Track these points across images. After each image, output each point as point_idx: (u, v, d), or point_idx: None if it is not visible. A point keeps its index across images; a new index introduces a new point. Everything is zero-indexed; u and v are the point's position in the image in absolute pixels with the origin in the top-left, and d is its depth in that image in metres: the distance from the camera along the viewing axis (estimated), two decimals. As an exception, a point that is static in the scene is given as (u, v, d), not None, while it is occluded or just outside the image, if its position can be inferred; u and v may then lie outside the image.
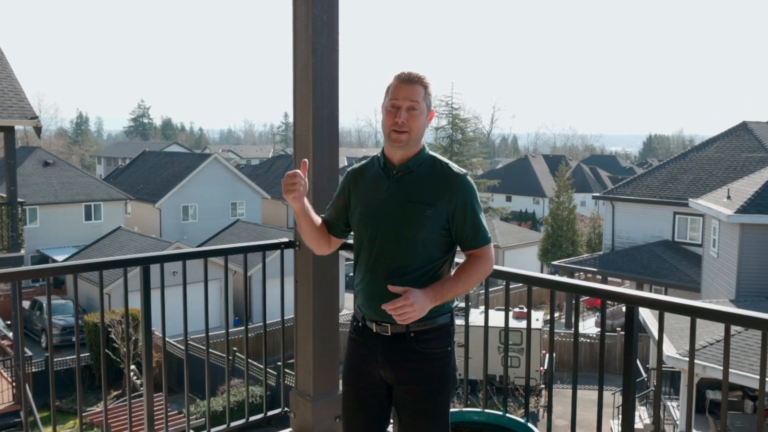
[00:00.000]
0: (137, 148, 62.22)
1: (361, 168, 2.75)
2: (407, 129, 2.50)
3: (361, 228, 2.63)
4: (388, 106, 2.54)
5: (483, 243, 2.58)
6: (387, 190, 2.57)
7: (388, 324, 2.55)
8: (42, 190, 35.08)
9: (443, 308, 2.58)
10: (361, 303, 2.66)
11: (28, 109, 13.45)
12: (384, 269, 2.53)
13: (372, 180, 2.65)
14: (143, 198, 39.94)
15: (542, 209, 54.09)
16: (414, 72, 2.55)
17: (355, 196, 2.68)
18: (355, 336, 2.70)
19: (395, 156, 2.59)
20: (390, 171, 2.59)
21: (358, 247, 2.66)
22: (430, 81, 2.56)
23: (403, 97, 2.50)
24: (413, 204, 2.52)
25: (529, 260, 37.56)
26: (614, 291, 2.71)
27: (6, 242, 13.64)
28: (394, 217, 2.53)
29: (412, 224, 2.50)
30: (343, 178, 2.78)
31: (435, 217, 2.51)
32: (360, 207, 2.64)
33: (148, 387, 3.45)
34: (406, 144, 2.53)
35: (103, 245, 30.42)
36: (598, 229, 35.60)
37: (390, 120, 2.52)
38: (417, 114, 2.51)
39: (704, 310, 2.44)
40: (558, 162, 56.86)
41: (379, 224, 2.56)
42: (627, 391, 2.68)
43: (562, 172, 39.11)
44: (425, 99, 2.54)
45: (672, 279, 23.93)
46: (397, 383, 2.59)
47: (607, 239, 28.68)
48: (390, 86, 2.57)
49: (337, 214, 2.77)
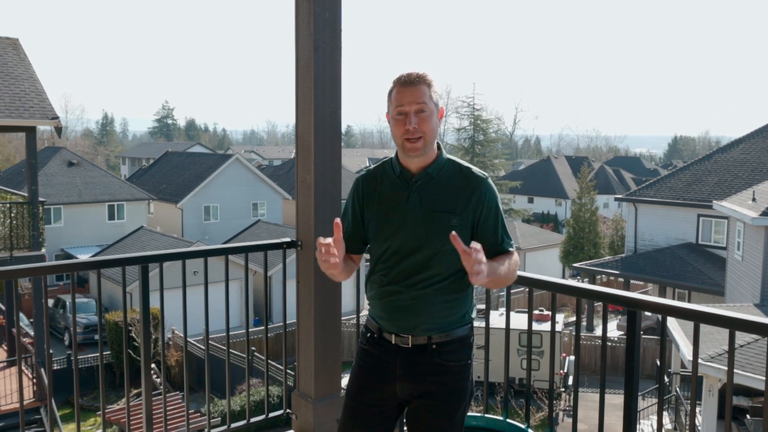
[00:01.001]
0: (161, 148, 62.83)
1: (370, 175, 2.58)
2: (420, 134, 2.36)
3: (381, 240, 2.48)
4: (394, 115, 2.39)
5: (510, 247, 2.50)
6: (408, 200, 2.43)
7: (409, 336, 2.45)
8: (66, 189, 35.58)
9: (464, 319, 2.52)
10: (377, 315, 2.53)
11: (49, 110, 13.62)
12: (410, 282, 2.42)
13: (388, 188, 2.49)
14: (165, 198, 40.32)
15: (564, 211, 53.65)
16: (413, 72, 2.40)
17: (369, 205, 2.52)
18: (369, 348, 2.56)
19: (413, 164, 2.45)
20: (409, 179, 2.45)
21: (376, 259, 2.51)
22: (432, 78, 2.42)
23: (409, 101, 2.36)
24: (438, 213, 2.41)
25: (551, 262, 37.24)
26: (616, 294, 2.62)
27: (27, 241, 13.81)
28: (419, 228, 2.41)
29: (438, 235, 2.37)
30: (352, 187, 2.60)
31: (461, 226, 2.40)
32: (378, 217, 2.49)
33: (147, 387, 3.43)
34: (423, 151, 2.40)
35: (125, 245, 30.76)
36: (621, 232, 35.18)
37: (400, 129, 2.37)
38: (427, 116, 2.37)
39: (707, 314, 2.35)
40: (581, 163, 56.30)
41: (403, 236, 2.42)
42: (629, 394, 2.60)
43: (584, 174, 38.73)
44: (431, 98, 2.39)
45: (695, 282, 23.54)
46: (415, 397, 2.48)
47: (630, 242, 28.31)
48: (391, 93, 2.42)
49: (354, 230, 2.58)
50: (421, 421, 2.49)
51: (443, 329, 2.46)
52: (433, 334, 2.45)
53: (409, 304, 2.42)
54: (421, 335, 2.45)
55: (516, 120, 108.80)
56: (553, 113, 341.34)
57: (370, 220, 2.52)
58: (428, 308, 2.43)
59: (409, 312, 2.44)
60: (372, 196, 2.52)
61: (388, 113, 2.47)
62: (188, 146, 66.99)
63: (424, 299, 2.42)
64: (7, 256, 13.73)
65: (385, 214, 2.47)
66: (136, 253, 3.43)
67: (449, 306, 2.47)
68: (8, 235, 13.76)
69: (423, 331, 2.45)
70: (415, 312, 2.44)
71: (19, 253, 13.74)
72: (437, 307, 2.44)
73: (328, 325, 3.82)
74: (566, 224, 38.34)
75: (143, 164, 58.90)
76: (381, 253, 2.49)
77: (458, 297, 2.49)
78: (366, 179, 2.58)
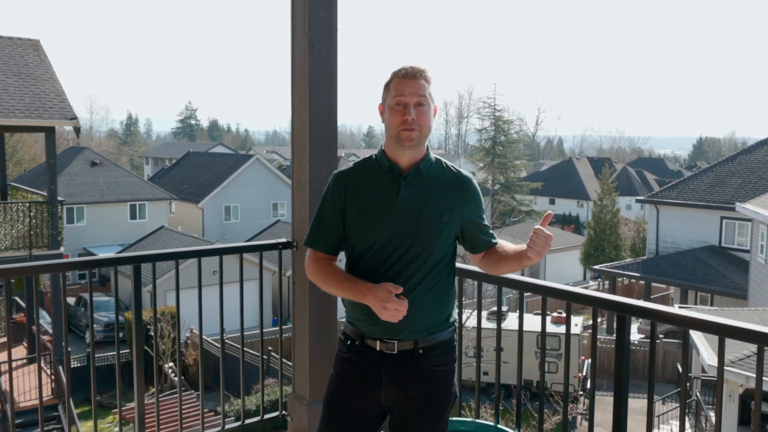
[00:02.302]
0: (184, 148, 63.40)
1: (351, 171, 2.49)
2: (417, 126, 2.33)
3: (367, 239, 2.39)
4: (392, 105, 2.35)
5: (495, 242, 2.54)
6: (398, 196, 2.37)
7: (395, 341, 2.38)
8: (89, 189, 36.04)
9: (448, 321, 2.47)
10: (358, 319, 2.44)
11: (68, 110, 13.79)
12: (397, 281, 2.33)
13: (373, 184, 2.42)
14: (187, 198, 40.67)
15: (586, 213, 53.14)
16: (416, 65, 2.37)
17: (353, 201, 2.43)
18: (350, 356, 2.46)
19: (403, 158, 2.39)
20: (398, 175, 2.39)
21: (357, 257, 2.43)
22: (432, 75, 2.39)
23: (410, 93, 2.32)
24: (429, 210, 2.37)
25: (571, 264, 36.92)
26: (606, 299, 2.56)
27: (46, 240, 13.99)
28: (409, 225, 2.35)
29: (429, 232, 2.35)
30: (331, 183, 2.49)
31: (451, 223, 2.39)
32: (363, 214, 2.40)
33: (139, 387, 3.43)
34: (417, 143, 2.36)
35: (146, 244, 31.07)
36: (643, 234, 34.76)
37: (398, 118, 2.33)
38: (425, 110, 2.35)
39: (698, 321, 2.28)
40: (603, 164, 55.77)
41: (391, 233, 2.36)
42: (618, 397, 2.53)
43: (605, 175, 38.33)
44: (430, 94, 2.37)
45: (718, 285, 23.17)
46: (401, 404, 2.42)
47: (651, 244, 27.95)
48: (390, 83, 2.38)
49: (336, 228, 2.48)
50: (406, 427, 2.44)
51: (428, 332, 2.41)
52: (419, 337, 2.39)
53: None
54: (407, 339, 2.39)
55: (538, 121, 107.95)
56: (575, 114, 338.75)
57: (353, 217, 2.42)
58: (415, 310, 2.36)
59: None
60: (355, 192, 2.43)
61: (381, 104, 2.42)
62: (210, 146, 67.49)
63: (411, 301, 2.35)
64: (26, 254, 13.93)
65: (370, 210, 2.39)
66: (128, 253, 3.43)
67: (435, 307, 2.43)
68: (27, 234, 13.95)
69: (409, 334, 2.39)
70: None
71: (38, 251, 13.93)
72: (424, 308, 2.39)
73: (324, 327, 3.79)
74: (587, 226, 37.97)
75: (166, 164, 59.51)
76: (363, 252, 2.41)
77: (443, 298, 2.45)
78: (347, 175, 2.48)
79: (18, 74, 14.43)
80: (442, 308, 2.45)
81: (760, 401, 2.18)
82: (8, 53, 14.96)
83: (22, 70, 14.61)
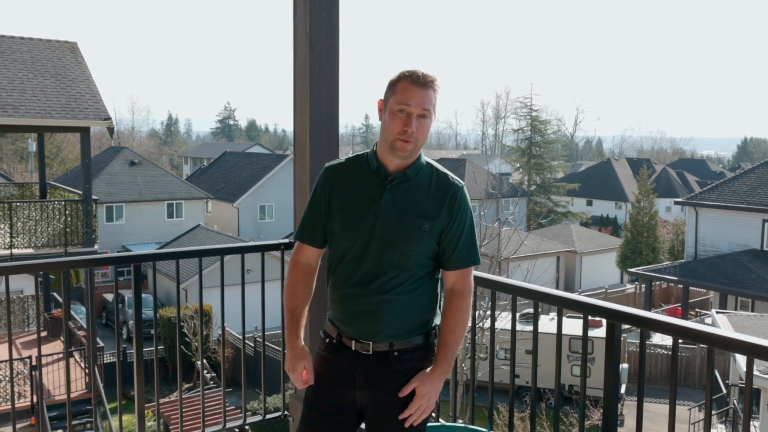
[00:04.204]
0: (222, 148, 64.29)
1: (342, 166, 2.45)
2: (414, 139, 2.26)
3: (347, 238, 2.36)
4: (395, 109, 2.27)
5: (475, 262, 2.42)
6: (381, 199, 2.32)
7: (370, 342, 2.36)
8: (128, 188, 36.80)
9: (427, 326, 2.43)
10: (337, 318, 2.44)
11: (103, 111, 14.10)
12: (374, 285, 2.32)
13: (359, 183, 2.37)
14: (223, 197, 41.21)
15: (624, 214, 52.21)
16: (428, 73, 2.28)
17: (337, 198, 2.40)
18: (327, 354, 2.47)
19: (392, 162, 2.35)
20: (384, 177, 2.34)
21: (339, 257, 2.40)
22: (441, 84, 2.32)
23: (416, 104, 2.25)
24: (410, 217, 2.31)
25: (608, 267, 36.32)
26: (595, 304, 2.49)
27: (81, 238, 14.31)
28: (388, 229, 2.31)
29: (408, 238, 2.29)
30: (321, 176, 2.47)
31: (432, 232, 2.33)
32: (344, 213, 2.37)
33: (139, 384, 3.46)
34: (410, 155, 2.31)
35: (182, 242, 31.59)
36: (681, 236, 34.01)
37: (398, 126, 2.26)
38: (426, 123, 2.29)
39: (687, 330, 2.19)
40: (642, 165, 54.75)
41: (371, 236, 2.32)
42: (608, 406, 2.46)
43: (643, 176, 37.61)
44: (435, 105, 2.30)
45: (759, 290, 22.52)
46: (375, 405, 2.40)
47: (690, 247, 27.32)
48: (398, 85, 2.30)
49: (320, 222, 2.45)
50: (380, 430, 2.41)
51: (405, 336, 2.37)
52: (395, 340, 2.36)
53: (372, 309, 2.33)
54: (382, 341, 2.36)
55: (577, 121, 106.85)
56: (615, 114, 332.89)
57: (336, 214, 2.39)
58: (391, 314, 2.34)
59: (371, 317, 2.35)
60: (341, 189, 2.40)
61: (383, 100, 2.35)
62: (247, 146, 68.31)
63: (387, 304, 2.33)
64: (62, 251, 14.27)
65: (353, 210, 2.36)
66: (128, 252, 3.47)
67: (413, 312, 2.38)
68: (63, 232, 14.29)
69: (385, 337, 2.36)
70: (377, 317, 2.34)
71: (73, 248, 14.25)
72: (400, 312, 2.35)
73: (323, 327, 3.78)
74: (624, 228, 37.30)
75: (204, 164, 60.41)
76: (344, 252, 2.38)
77: (422, 302, 2.40)
78: (336, 170, 2.45)
79: (55, 76, 14.81)
80: (420, 314, 2.41)
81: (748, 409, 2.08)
82: (46, 55, 15.38)
83: (59, 71, 15.00)
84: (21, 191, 18.10)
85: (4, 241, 14.04)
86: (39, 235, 14.22)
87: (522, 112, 59.27)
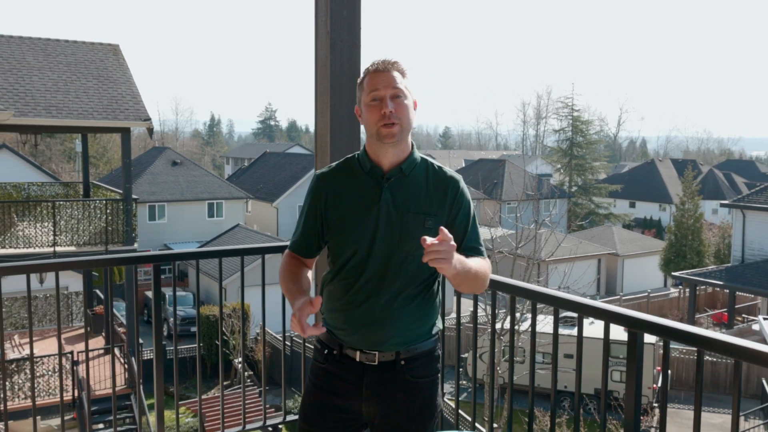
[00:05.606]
0: (263, 149, 64.98)
1: (334, 172, 2.37)
2: (396, 120, 2.18)
3: (347, 244, 2.28)
4: (368, 101, 2.21)
5: (484, 254, 2.33)
6: (380, 200, 2.24)
7: (376, 352, 2.28)
8: (170, 188, 37.46)
9: (431, 332, 2.36)
10: (338, 327, 2.33)
11: (143, 112, 14.36)
12: (380, 290, 2.24)
13: (355, 186, 2.29)
14: (262, 197, 41.64)
15: (669, 217, 51.05)
16: (387, 58, 2.24)
17: (334, 205, 2.31)
18: (328, 366, 2.35)
19: (385, 158, 2.26)
20: (380, 176, 2.26)
21: (340, 265, 2.31)
22: (405, 66, 2.25)
23: (384, 86, 2.19)
24: (412, 214, 2.23)
25: (651, 270, 35.54)
26: (617, 312, 2.38)
27: (121, 236, 14.59)
28: (391, 230, 2.23)
29: (411, 238, 2.18)
30: (312, 185, 2.38)
31: (436, 228, 2.19)
32: (344, 219, 2.29)
33: (158, 378, 3.47)
34: (399, 138, 2.21)
35: (222, 241, 32.00)
36: (728, 240, 33.05)
37: (375, 115, 2.19)
38: (403, 102, 2.20)
39: (712, 341, 2.08)
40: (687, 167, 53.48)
41: (373, 239, 2.24)
42: (629, 416, 2.35)
43: (687, 178, 36.68)
44: (406, 86, 2.23)
45: (809, 296, 21.74)
46: (383, 417, 2.32)
47: (736, 251, 26.53)
48: (363, 81, 2.26)
49: (315, 232, 2.37)
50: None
51: (411, 343, 2.30)
52: (401, 348, 2.29)
53: (378, 317, 2.25)
54: (388, 350, 2.29)
55: (620, 121, 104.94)
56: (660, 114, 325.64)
57: (334, 222, 2.31)
58: (398, 321, 2.26)
59: (377, 325, 2.26)
60: (337, 195, 2.31)
61: (358, 105, 2.30)
62: (288, 147, 68.91)
63: (393, 311, 2.25)
64: (102, 249, 14.57)
65: (352, 216, 2.27)
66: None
67: (418, 318, 2.31)
68: (104, 230, 14.60)
69: (391, 346, 2.28)
70: (383, 325, 2.26)
71: (114, 246, 14.54)
72: (407, 319, 2.28)
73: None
74: (668, 231, 36.43)
75: (245, 164, 61.16)
76: (346, 259, 2.29)
77: (427, 308, 2.33)
78: (329, 177, 2.36)
79: (97, 77, 15.16)
80: (425, 319, 2.34)
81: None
82: (89, 58, 15.75)
83: (102, 73, 15.34)
84: (66, 190, 18.58)
85: (48, 238, 14.41)
86: (81, 234, 14.55)
87: (563, 113, 58.53)
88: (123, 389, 15.07)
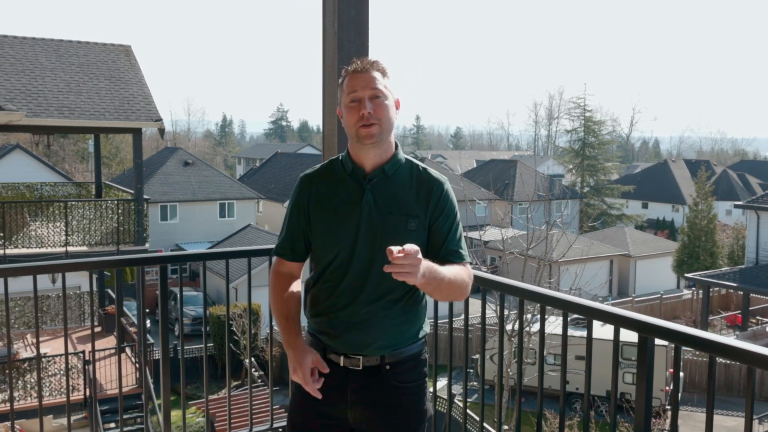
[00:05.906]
0: (274, 149, 65.13)
1: (317, 174, 2.35)
2: (375, 120, 2.16)
3: (329, 246, 2.24)
4: (347, 103, 2.19)
5: (462, 259, 2.27)
6: (361, 201, 2.21)
7: (360, 357, 2.24)
8: (182, 188, 37.62)
9: (416, 337, 2.31)
10: (321, 332, 2.29)
11: (154, 112, 14.42)
12: (362, 293, 2.20)
13: (337, 188, 2.26)
14: (273, 197, 41.75)
15: (682, 217, 50.68)
16: (366, 59, 2.24)
17: (316, 207, 2.28)
18: None
19: (367, 159, 2.23)
20: (362, 177, 2.24)
21: (323, 267, 2.28)
22: (385, 66, 2.23)
23: (362, 86, 2.17)
24: (394, 216, 2.20)
25: (664, 272, 35.29)
26: (627, 316, 2.33)
27: (132, 236, 14.65)
28: (373, 232, 2.19)
29: (394, 240, 2.10)
30: (297, 187, 2.36)
31: (418, 230, 2.21)
32: (326, 221, 2.26)
33: (165, 382, 3.46)
34: (379, 139, 2.18)
35: (233, 241, 32.10)
36: (742, 241, 32.76)
37: (354, 116, 2.17)
38: (383, 103, 2.18)
39: (726, 347, 2.03)
40: (700, 167, 53.07)
41: (356, 241, 2.20)
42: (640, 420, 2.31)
43: (701, 178, 36.38)
44: (386, 87, 2.21)
45: (824, 299, 21.50)
46: (369, 423, 2.28)
47: (750, 252, 26.28)
48: (342, 83, 2.24)
49: (300, 232, 2.34)
50: None
51: (396, 347, 2.25)
52: (386, 353, 2.24)
53: (362, 320, 2.21)
54: (373, 355, 2.24)
55: (633, 121, 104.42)
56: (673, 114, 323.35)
57: (317, 224, 2.28)
58: (382, 324, 2.22)
59: (360, 329, 2.22)
60: (320, 197, 2.29)
61: (339, 108, 2.27)
62: (299, 147, 69.05)
63: (377, 314, 2.21)
64: (114, 249, 14.63)
65: (334, 218, 2.25)
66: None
67: (403, 321, 2.26)
68: (116, 230, 14.66)
69: (375, 349, 2.24)
70: (367, 329, 2.22)
71: (125, 246, 14.61)
72: (391, 322, 2.23)
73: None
74: (680, 232, 36.15)
75: (256, 164, 61.33)
76: (329, 262, 2.26)
77: (412, 311, 2.28)
78: (312, 178, 2.34)
79: (109, 78, 15.24)
80: (410, 322, 2.29)
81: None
82: (101, 58, 15.84)
83: (113, 74, 15.42)
84: (78, 190, 18.69)
85: (60, 238, 14.49)
86: (93, 234, 14.63)
87: (575, 113, 58.26)
88: (134, 389, 15.12)
